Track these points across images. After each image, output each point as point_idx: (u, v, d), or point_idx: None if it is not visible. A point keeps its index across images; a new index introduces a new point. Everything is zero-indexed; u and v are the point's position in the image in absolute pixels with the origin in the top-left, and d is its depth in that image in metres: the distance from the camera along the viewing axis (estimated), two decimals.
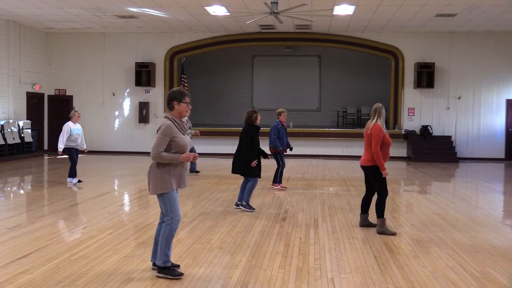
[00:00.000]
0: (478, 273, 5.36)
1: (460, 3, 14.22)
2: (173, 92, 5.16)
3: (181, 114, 5.14)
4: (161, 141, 4.95)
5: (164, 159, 4.95)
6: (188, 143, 5.15)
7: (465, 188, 12.55)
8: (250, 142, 8.54)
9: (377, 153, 6.92)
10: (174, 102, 5.09)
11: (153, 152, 4.95)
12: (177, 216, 5.10)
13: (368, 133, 7.05)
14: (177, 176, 5.08)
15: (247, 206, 8.64)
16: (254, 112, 8.76)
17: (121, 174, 14.05)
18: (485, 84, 18.72)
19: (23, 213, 8.47)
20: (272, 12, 12.94)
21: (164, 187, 5.01)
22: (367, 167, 7.14)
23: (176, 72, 19.99)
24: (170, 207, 5.07)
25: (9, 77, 17.67)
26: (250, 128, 8.67)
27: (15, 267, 5.35)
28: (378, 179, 7.10)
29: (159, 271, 5.10)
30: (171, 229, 5.08)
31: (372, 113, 7.18)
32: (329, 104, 22.64)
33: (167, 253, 5.09)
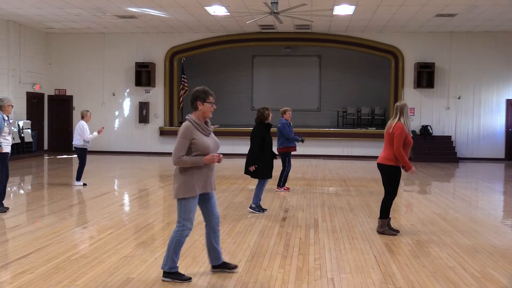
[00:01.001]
0: (478, 273, 5.36)
1: (460, 3, 14.22)
2: (197, 91, 4.98)
3: (204, 114, 4.97)
4: (180, 145, 4.81)
5: (185, 163, 4.81)
6: (212, 144, 4.96)
7: (465, 188, 12.55)
8: (260, 142, 8.30)
9: (400, 153, 6.69)
10: (198, 101, 4.91)
11: (174, 157, 4.82)
12: (189, 224, 4.93)
13: (389, 132, 6.78)
14: (202, 180, 4.91)
15: (257, 209, 8.47)
16: (266, 109, 8.47)
17: (121, 174, 14.06)
18: (485, 84, 18.71)
19: (23, 213, 8.47)
20: (272, 12, 12.94)
21: (187, 191, 4.85)
22: (385, 166, 6.90)
23: (176, 72, 19.99)
24: (184, 214, 4.91)
25: (9, 77, 17.66)
26: (261, 127, 8.41)
27: (15, 267, 5.35)
28: (392, 180, 6.93)
29: (165, 276, 4.98)
30: (181, 236, 4.93)
31: (394, 112, 6.92)
32: (329, 104, 22.63)
33: (174, 259, 4.97)
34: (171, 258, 4.96)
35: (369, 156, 18.46)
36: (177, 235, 4.93)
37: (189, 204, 4.89)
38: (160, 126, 19.80)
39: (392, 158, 6.80)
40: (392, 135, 6.74)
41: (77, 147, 11.27)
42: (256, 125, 8.51)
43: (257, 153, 8.31)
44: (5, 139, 8.33)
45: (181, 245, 4.98)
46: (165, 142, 19.68)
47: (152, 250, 6.12)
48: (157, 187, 11.65)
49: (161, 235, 7.00)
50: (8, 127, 8.41)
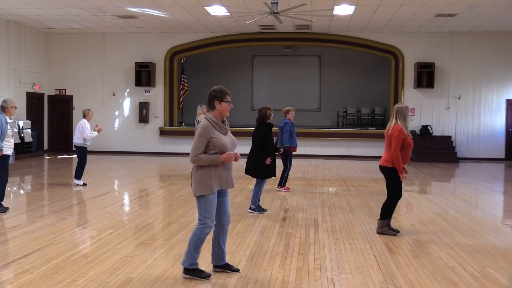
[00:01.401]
0: (478, 273, 5.36)
1: (460, 3, 14.22)
2: (214, 91, 5.06)
3: (222, 113, 5.05)
4: (198, 143, 4.88)
5: (202, 161, 4.87)
6: (229, 143, 5.03)
7: (465, 188, 12.55)
8: (263, 141, 8.31)
9: (396, 155, 6.69)
10: (215, 101, 4.99)
11: (191, 155, 4.88)
12: (210, 222, 4.97)
13: (388, 134, 6.83)
14: (219, 177, 4.95)
15: (256, 209, 8.47)
16: (268, 109, 8.47)
17: (121, 174, 14.06)
18: (485, 84, 18.71)
19: (23, 213, 8.47)
20: (272, 12, 12.94)
21: (204, 188, 4.90)
22: (385, 168, 6.92)
23: (176, 72, 19.99)
24: (204, 212, 4.95)
25: (9, 77, 17.66)
26: (262, 127, 8.41)
27: (15, 267, 5.35)
28: (393, 182, 6.92)
29: (186, 272, 5.05)
30: (202, 234, 4.97)
31: (393, 114, 6.93)
32: (329, 104, 22.63)
33: (194, 255, 5.02)
34: (192, 255, 5.01)
35: (369, 156, 18.47)
36: (198, 232, 4.97)
37: (208, 202, 4.94)
38: (160, 126, 19.80)
39: (391, 160, 6.81)
40: (391, 136, 6.77)
41: (77, 145, 11.28)
42: (257, 125, 8.50)
43: (258, 153, 8.30)
44: (8, 142, 8.37)
45: (201, 242, 5.02)
46: (165, 142, 19.69)
47: (152, 250, 6.12)
48: (157, 187, 11.65)
49: (161, 235, 7.00)
50: (11, 130, 8.43)
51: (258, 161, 8.33)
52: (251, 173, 8.49)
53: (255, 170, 8.40)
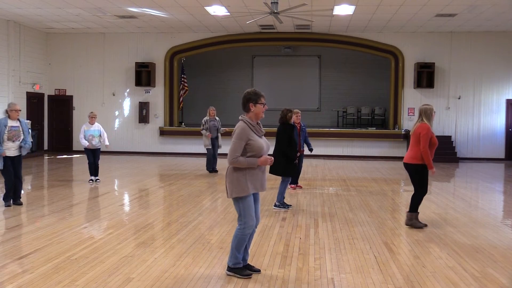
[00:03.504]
0: (478, 273, 5.36)
1: (460, 3, 14.22)
2: (248, 93, 5.05)
3: (257, 115, 5.05)
4: (237, 145, 4.89)
5: (241, 163, 4.89)
6: (265, 145, 5.05)
7: (465, 188, 12.55)
8: (288, 140, 8.66)
9: (426, 151, 7.03)
10: (250, 104, 5.00)
11: (230, 157, 4.90)
12: (250, 221, 5.02)
13: (416, 132, 7.14)
14: (254, 180, 4.98)
15: (282, 205, 8.81)
16: (289, 111, 8.92)
17: (121, 174, 14.05)
18: (485, 84, 18.71)
19: (23, 213, 8.47)
20: (272, 12, 12.94)
21: (240, 191, 4.93)
22: (411, 165, 7.23)
23: (176, 72, 19.99)
24: (243, 212, 5.00)
25: (9, 77, 17.65)
26: (286, 128, 8.79)
27: (15, 267, 5.36)
28: (420, 178, 7.24)
29: (229, 270, 5.15)
30: (243, 234, 5.03)
31: (418, 114, 7.35)
32: (329, 104, 22.62)
33: (237, 255, 5.10)
34: (234, 255, 5.09)
35: (369, 156, 18.48)
36: (240, 233, 5.03)
37: (246, 203, 4.99)
38: (160, 126, 19.80)
39: (417, 157, 7.15)
40: (419, 134, 7.08)
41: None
42: (280, 125, 8.92)
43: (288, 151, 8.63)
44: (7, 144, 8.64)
45: (244, 242, 5.08)
46: (165, 142, 19.69)
47: (152, 250, 6.12)
48: (157, 187, 11.65)
49: (161, 235, 7.00)
50: (8, 134, 8.56)
51: (283, 161, 8.64)
52: (278, 172, 8.79)
53: (281, 169, 8.72)
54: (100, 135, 11.78)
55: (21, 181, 9.10)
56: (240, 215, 5.03)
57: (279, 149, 8.71)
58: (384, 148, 18.56)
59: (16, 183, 8.93)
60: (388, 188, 11.57)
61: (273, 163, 8.60)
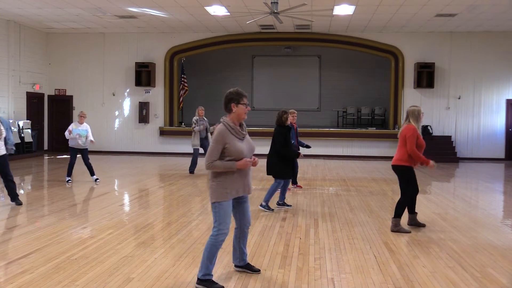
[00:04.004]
0: (478, 273, 5.36)
1: (460, 3, 14.23)
2: (230, 93, 4.84)
3: (239, 116, 4.82)
4: (213, 149, 4.70)
5: (217, 168, 4.70)
6: (246, 148, 4.83)
7: (465, 188, 12.55)
8: (284, 141, 8.64)
9: (414, 151, 6.98)
10: (232, 104, 4.78)
11: (206, 161, 4.71)
12: (225, 229, 4.81)
13: (401, 134, 7.13)
14: (235, 184, 4.80)
15: (266, 207, 8.66)
16: (284, 113, 8.84)
17: (121, 174, 14.05)
18: (485, 84, 18.72)
19: (23, 213, 8.46)
20: (272, 12, 12.94)
21: (219, 196, 4.76)
22: (397, 166, 7.20)
23: (176, 72, 20.00)
24: (219, 218, 4.80)
25: (9, 77, 17.66)
26: (282, 129, 8.76)
27: (15, 267, 5.36)
28: (405, 180, 7.20)
29: (198, 283, 4.81)
30: (216, 241, 4.80)
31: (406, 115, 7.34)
32: (329, 104, 22.61)
33: (208, 266, 4.81)
34: (206, 265, 4.81)
35: (369, 156, 18.48)
36: (213, 240, 4.80)
37: (223, 208, 4.79)
38: (160, 126, 19.80)
39: (404, 159, 7.09)
40: (405, 136, 7.04)
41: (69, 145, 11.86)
42: (277, 127, 8.85)
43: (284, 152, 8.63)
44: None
45: (216, 251, 4.84)
46: (165, 142, 19.69)
47: (152, 250, 6.12)
48: (157, 187, 11.65)
49: (161, 235, 7.00)
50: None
51: (279, 162, 8.63)
52: (273, 173, 8.79)
53: (276, 171, 8.71)
54: (86, 136, 11.68)
55: (13, 181, 8.91)
56: (215, 221, 4.81)
57: (275, 151, 8.69)
58: (384, 148, 18.54)
59: (7, 183, 8.79)
60: (388, 188, 11.57)
61: (268, 164, 8.70)
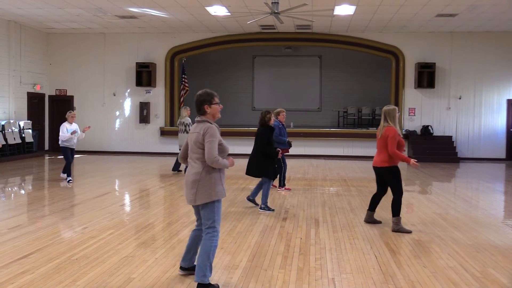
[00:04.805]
0: (479, 273, 5.35)
1: (460, 3, 14.22)
2: (201, 95, 4.79)
3: (214, 116, 4.81)
4: (214, 144, 4.62)
5: (219, 163, 4.63)
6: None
7: (466, 188, 12.55)
8: (267, 142, 8.61)
9: (395, 152, 7.01)
10: (205, 106, 4.75)
11: (211, 156, 4.58)
12: (219, 227, 4.79)
13: (382, 136, 7.10)
14: (223, 183, 4.79)
15: (266, 208, 8.61)
16: (267, 113, 8.80)
17: (122, 174, 14.06)
18: (486, 84, 18.71)
19: (24, 213, 8.47)
20: (273, 12, 12.94)
21: (219, 193, 4.69)
22: (381, 168, 7.24)
23: (176, 72, 20.00)
24: (218, 217, 4.74)
25: (10, 77, 17.67)
26: (265, 130, 8.71)
27: (16, 267, 5.36)
28: (393, 179, 7.25)
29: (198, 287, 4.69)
30: (216, 243, 4.74)
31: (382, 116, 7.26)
32: (330, 104, 22.63)
33: (211, 268, 4.74)
34: (209, 268, 4.70)
35: (370, 156, 18.34)
36: (214, 241, 4.72)
37: (220, 206, 4.78)
38: (160, 126, 19.81)
39: (387, 160, 7.14)
40: (386, 137, 7.04)
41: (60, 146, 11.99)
42: (260, 128, 8.78)
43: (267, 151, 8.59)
44: None
45: (214, 252, 4.75)
46: (166, 142, 19.68)
47: (153, 250, 6.12)
48: (157, 187, 11.65)
49: (161, 235, 7.00)
50: None
51: (262, 162, 8.59)
52: (254, 174, 8.73)
53: (259, 171, 8.66)
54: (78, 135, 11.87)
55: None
56: (213, 221, 4.71)
57: (258, 151, 8.65)
58: None
59: None
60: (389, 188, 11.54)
61: (251, 165, 8.72)
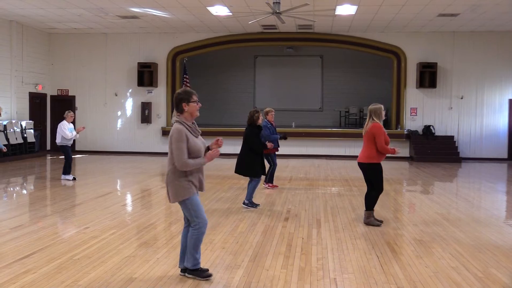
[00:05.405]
0: (481, 273, 5.34)
1: (462, 3, 14.20)
2: (179, 94, 4.92)
3: (192, 115, 4.92)
4: (181, 148, 4.76)
5: (190, 166, 4.78)
6: (202, 145, 4.96)
7: (468, 188, 12.53)
8: (255, 141, 8.72)
9: (383, 147, 7.24)
10: (183, 104, 4.86)
11: (179, 161, 4.75)
12: (204, 220, 4.96)
13: (369, 132, 7.32)
14: (196, 180, 4.92)
15: (250, 204, 8.87)
16: (256, 112, 8.88)
17: (124, 174, 14.06)
18: (488, 84, 18.69)
19: (26, 213, 8.48)
20: (274, 12, 12.94)
21: (186, 193, 4.84)
22: (366, 164, 7.50)
23: (178, 72, 20.00)
24: (194, 212, 4.91)
25: (12, 77, 17.69)
26: (254, 129, 8.81)
27: (18, 267, 5.36)
28: (375, 175, 7.48)
29: (189, 273, 5.06)
30: (199, 233, 4.95)
31: (368, 114, 7.53)
32: (331, 104, 22.62)
33: (195, 256, 5.00)
34: (193, 256, 5.00)
35: None
36: (196, 232, 4.95)
37: (194, 202, 4.90)
38: (162, 126, 19.81)
39: (373, 156, 7.39)
40: (372, 134, 7.28)
41: (59, 145, 12.21)
42: (248, 127, 8.88)
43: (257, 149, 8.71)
44: None
45: (201, 242, 5.01)
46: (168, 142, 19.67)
47: (155, 250, 6.12)
48: (159, 187, 11.65)
49: (163, 235, 7.00)
50: None
51: (250, 162, 8.73)
52: (242, 172, 8.86)
53: (247, 170, 8.79)
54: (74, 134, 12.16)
55: None
56: (192, 216, 4.92)
57: (246, 150, 8.75)
58: None
59: None
60: (390, 188, 11.55)
61: (239, 164, 8.77)
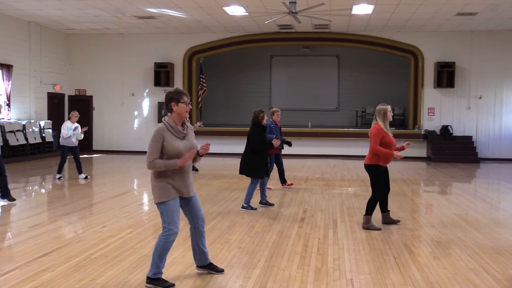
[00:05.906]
0: (500, 275, 5.27)
1: (481, 2, 14.04)
2: (170, 93, 4.82)
3: (180, 115, 4.79)
4: (152, 148, 4.71)
5: (158, 166, 4.67)
6: (183, 147, 4.78)
7: (486, 189, 12.38)
8: (259, 141, 8.55)
9: (377, 149, 7.18)
10: (172, 103, 4.75)
11: (147, 161, 4.71)
12: (174, 228, 4.76)
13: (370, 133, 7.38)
14: (178, 184, 4.78)
15: (248, 207, 8.65)
16: (261, 112, 8.71)
17: (140, 174, 14.13)
18: (507, 84, 18.44)
19: (44, 212, 8.58)
20: (291, 12, 12.92)
21: (161, 196, 4.74)
22: (366, 165, 7.49)
23: (194, 72, 20.07)
24: (167, 218, 4.76)
25: (31, 77, 17.92)
26: (258, 129, 8.63)
27: (37, 265, 5.42)
28: (373, 178, 7.40)
29: (148, 282, 4.79)
30: (167, 241, 4.76)
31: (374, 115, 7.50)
32: (348, 104, 22.51)
33: (159, 265, 4.79)
34: (156, 264, 4.78)
35: None
36: (163, 240, 4.77)
37: (169, 208, 4.76)
38: None
39: (370, 158, 7.36)
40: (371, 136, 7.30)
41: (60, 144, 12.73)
42: (252, 127, 8.68)
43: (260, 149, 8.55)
44: None
45: (167, 251, 4.82)
46: None
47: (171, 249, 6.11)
48: None
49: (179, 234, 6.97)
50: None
51: (253, 162, 8.53)
52: (244, 172, 8.69)
53: (250, 170, 8.61)
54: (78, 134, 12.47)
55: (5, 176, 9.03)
56: (164, 222, 4.77)
57: (249, 150, 8.57)
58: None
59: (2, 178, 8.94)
60: (408, 189, 11.46)
61: (242, 164, 8.63)
